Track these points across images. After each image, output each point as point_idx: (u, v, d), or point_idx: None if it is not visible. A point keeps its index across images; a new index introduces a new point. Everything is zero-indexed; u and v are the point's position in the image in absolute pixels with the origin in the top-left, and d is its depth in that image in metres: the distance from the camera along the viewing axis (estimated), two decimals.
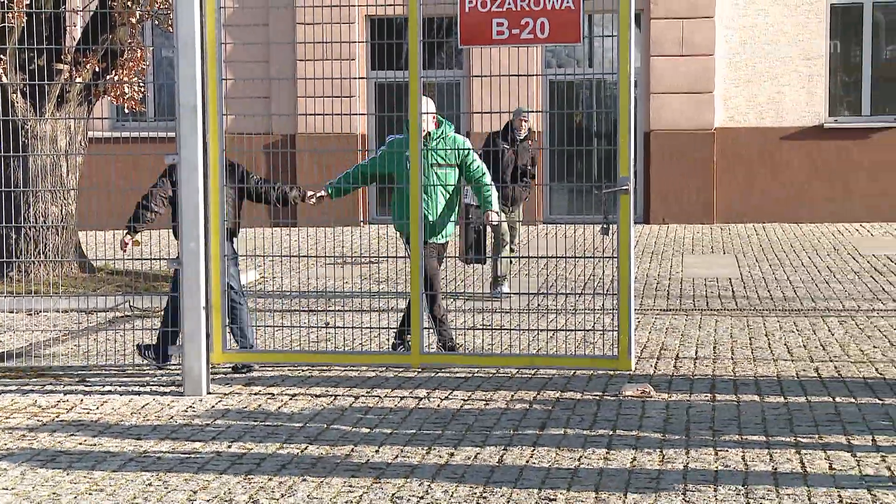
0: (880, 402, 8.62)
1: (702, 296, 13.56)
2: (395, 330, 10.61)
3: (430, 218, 10.04)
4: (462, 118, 19.66)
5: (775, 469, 7.09)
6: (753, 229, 19.64)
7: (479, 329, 11.42)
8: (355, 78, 18.96)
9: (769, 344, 10.78)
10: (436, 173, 10.11)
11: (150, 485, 6.96)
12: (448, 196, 10.23)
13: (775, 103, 20.24)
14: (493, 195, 10.41)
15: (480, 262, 12.08)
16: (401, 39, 19.53)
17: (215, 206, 9.39)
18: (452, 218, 10.35)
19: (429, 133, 9.96)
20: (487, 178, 10.37)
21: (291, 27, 19.94)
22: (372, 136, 20.34)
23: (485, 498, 6.63)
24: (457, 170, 10.28)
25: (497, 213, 10.39)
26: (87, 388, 9.37)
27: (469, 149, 10.34)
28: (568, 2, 9.33)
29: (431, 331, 10.29)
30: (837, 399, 8.72)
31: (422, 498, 6.65)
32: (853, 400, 8.69)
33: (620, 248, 9.37)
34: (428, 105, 9.91)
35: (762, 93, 20.28)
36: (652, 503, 6.50)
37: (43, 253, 13.01)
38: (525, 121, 13.70)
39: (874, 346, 10.55)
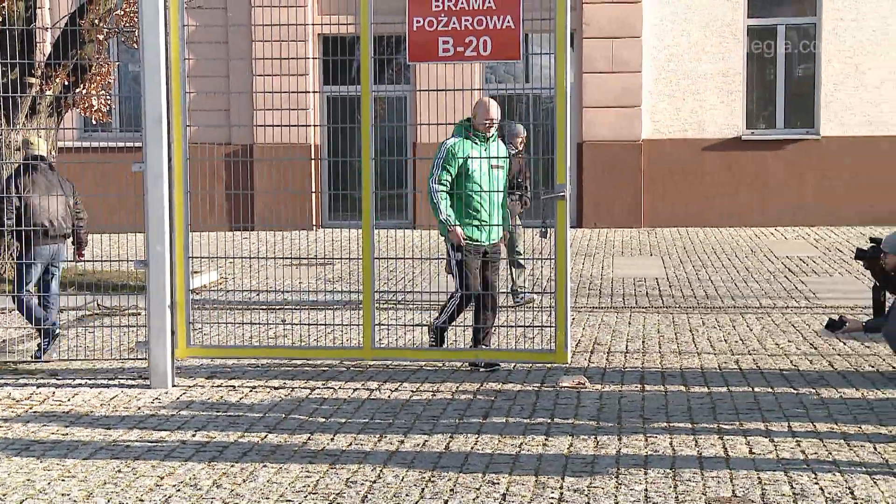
0: (795, 391, 8.71)
1: (631, 294, 13.63)
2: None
3: (487, 220, 9.58)
4: (408, 129, 19.67)
5: (700, 454, 7.14)
6: (678, 233, 19.76)
7: (427, 325, 11.42)
8: (309, 92, 18.98)
9: (693, 339, 10.86)
10: (494, 175, 9.63)
11: (119, 471, 6.93)
12: (502, 198, 9.78)
13: (697, 117, 20.39)
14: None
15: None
16: (352, 56, 19.62)
17: (179, 210, 9.35)
18: (504, 218, 9.83)
19: (491, 136, 9.62)
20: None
21: (249, 44, 19.90)
22: (324, 145, 20.30)
23: (432, 482, 6.65)
24: (504, 171, 9.80)
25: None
26: (58, 382, 9.30)
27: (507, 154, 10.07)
28: (509, 22, 9.36)
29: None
30: (756, 389, 8.80)
31: (374, 482, 6.65)
32: (770, 390, 8.77)
33: (557, 250, 9.42)
34: (494, 111, 9.59)
35: (685, 107, 20.43)
36: (587, 485, 6.53)
37: (16, 253, 12.85)
38: (521, 139, 13.06)
39: (789, 341, 10.65)
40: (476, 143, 9.52)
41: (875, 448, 7.20)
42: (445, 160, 9.44)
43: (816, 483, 6.53)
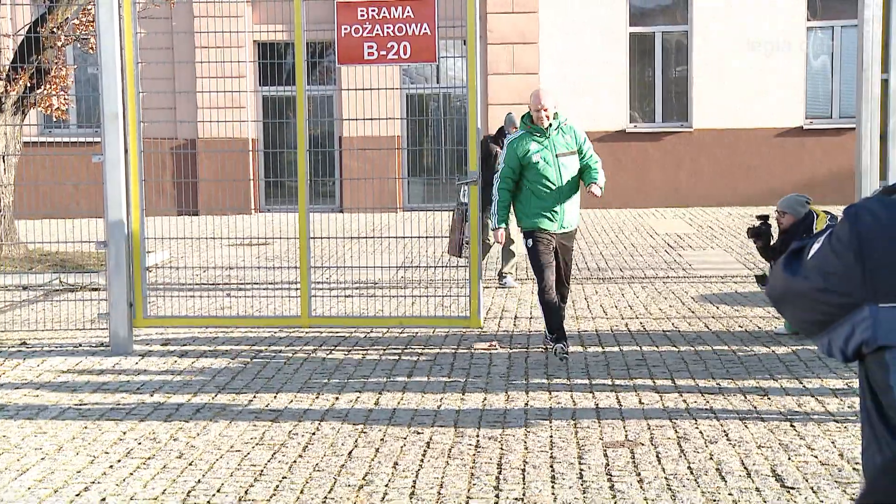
0: (676, 349, 8.84)
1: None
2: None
3: (558, 208, 8.39)
4: (335, 124, 19.60)
5: (597, 404, 7.23)
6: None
7: (356, 296, 11.42)
8: (246, 92, 18.85)
9: (588, 305, 10.96)
10: (561, 163, 8.39)
11: (85, 428, 6.87)
12: (574, 184, 8.50)
13: (589, 112, 20.51)
14: (600, 173, 8.53)
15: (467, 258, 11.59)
16: (283, 60, 19.47)
17: (135, 197, 9.25)
18: (576, 206, 8.60)
19: (549, 125, 8.41)
20: (599, 165, 8.57)
21: (192, 50, 19.68)
22: (259, 139, 20.15)
23: (364, 433, 6.67)
24: (577, 157, 8.50)
25: (600, 187, 8.42)
26: (27, 350, 9.17)
27: (585, 138, 8.62)
28: (425, 29, 9.37)
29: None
30: (643, 347, 8.92)
31: (313, 434, 6.66)
32: (655, 348, 8.89)
33: (471, 229, 9.46)
34: (545, 99, 8.44)
35: (577, 104, 20.54)
36: (500, 434, 6.59)
37: None
38: (516, 127, 12.30)
39: (670, 306, 10.80)
40: (536, 136, 8.43)
41: (745, 396, 7.34)
42: (507, 157, 8.46)
43: (696, 427, 6.65)
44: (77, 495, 5.68)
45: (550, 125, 8.43)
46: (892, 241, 1.69)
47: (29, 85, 13.42)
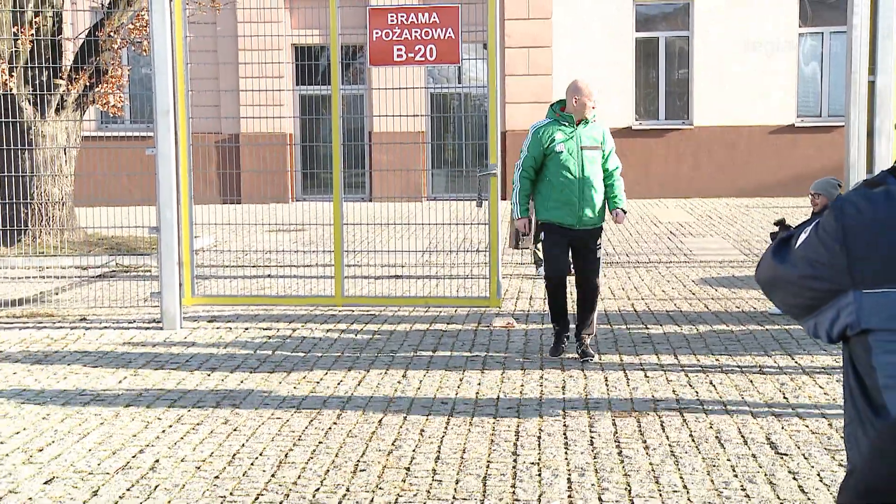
0: (678, 327, 8.82)
1: None
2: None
3: (578, 204, 7.53)
4: (365, 120, 19.59)
5: (606, 378, 7.22)
6: None
7: (385, 278, 11.43)
8: (284, 90, 18.85)
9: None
10: (586, 157, 7.56)
11: (140, 396, 6.90)
12: (597, 181, 7.61)
13: (598, 110, 20.39)
14: (623, 194, 7.72)
15: (527, 249, 11.21)
16: (318, 61, 19.46)
17: (184, 186, 9.27)
18: (600, 202, 7.65)
19: (584, 118, 7.59)
20: (618, 174, 7.71)
21: (235, 52, 19.68)
22: (296, 134, 20.15)
23: (393, 402, 6.68)
24: (601, 153, 7.67)
25: (623, 210, 7.66)
26: (87, 325, 9.22)
27: (611, 141, 7.81)
28: (450, 34, 9.35)
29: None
30: (649, 326, 8.90)
31: (347, 402, 6.68)
32: (660, 327, 8.87)
33: (490, 216, 9.45)
34: (594, 91, 7.65)
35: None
36: (517, 404, 6.59)
37: (48, 223, 12.73)
38: None
39: (672, 288, 10.77)
40: (563, 126, 7.58)
41: (741, 369, 7.32)
42: (530, 145, 7.59)
43: (697, 399, 6.64)
44: (133, 457, 5.71)
45: (584, 119, 7.59)
46: (874, 231, 1.68)
47: (88, 84, 13.47)
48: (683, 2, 20.41)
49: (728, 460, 5.50)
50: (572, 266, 7.87)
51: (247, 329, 8.99)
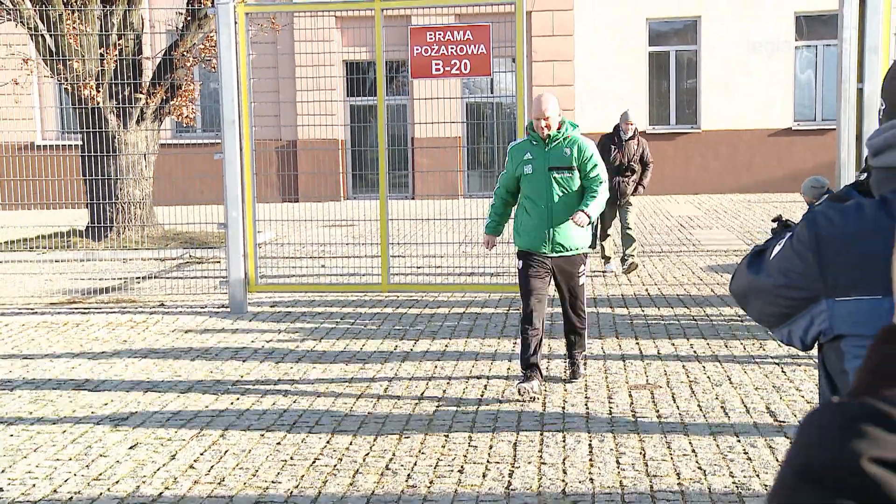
0: (688, 310, 8.76)
1: None
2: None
3: (546, 229, 6.14)
4: (407, 127, 19.60)
5: (623, 355, 7.18)
6: None
7: (426, 267, 11.44)
8: (336, 101, 18.87)
9: (615, 275, 10.88)
10: (554, 178, 6.13)
11: (211, 372, 6.96)
12: (570, 204, 6.13)
13: (614, 116, 20.28)
14: (594, 202, 6.10)
15: (590, 248, 10.79)
16: (366, 75, 19.48)
17: (248, 187, 9.31)
18: (575, 226, 6.16)
19: (548, 136, 6.14)
20: (601, 189, 6.15)
21: (293, 67, 19.74)
22: (348, 139, 20.19)
23: (437, 373, 6.69)
24: (575, 174, 6.18)
25: (586, 214, 6.02)
26: (165, 311, 9.30)
27: (592, 154, 6.21)
28: (482, 49, 9.32)
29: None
30: (661, 309, 8.85)
31: (394, 376, 6.70)
32: (671, 309, 8.82)
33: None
34: (547, 105, 6.17)
35: (605, 110, 20.36)
36: (546, 375, 6.58)
37: (131, 221, 12.85)
38: (630, 124, 10.82)
39: (682, 274, 10.70)
40: (533, 145, 6.20)
41: (745, 348, 7.27)
42: (507, 164, 6.33)
43: (705, 373, 6.60)
44: (206, 424, 5.77)
45: (549, 136, 6.14)
46: (845, 242, 1.58)
47: (164, 98, 13.57)
48: (692, 19, 20.24)
49: (731, 427, 5.47)
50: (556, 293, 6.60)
51: (304, 313, 9.04)
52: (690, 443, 5.26)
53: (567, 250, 6.19)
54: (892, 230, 1.54)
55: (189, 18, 13.60)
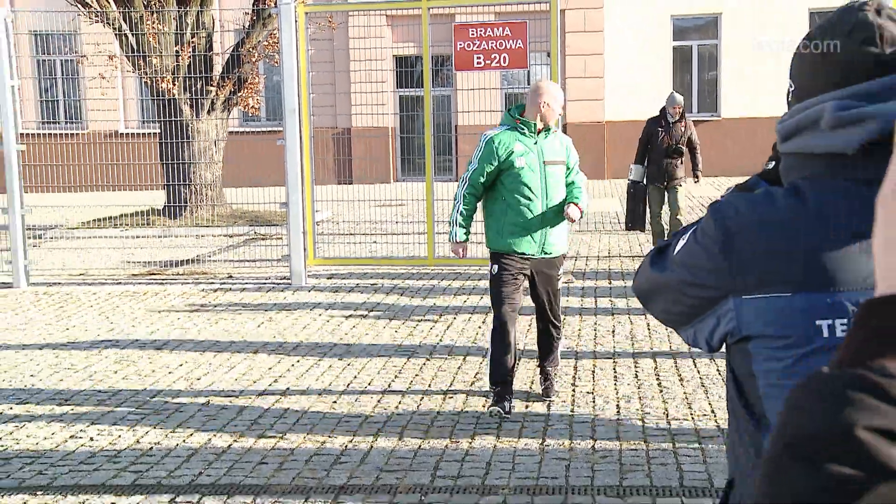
0: None
1: (599, 222, 13.47)
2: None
3: (539, 227, 5.20)
4: (451, 116, 19.51)
5: (648, 324, 7.09)
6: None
7: (469, 242, 11.37)
8: (386, 92, 18.82)
9: (642, 251, 10.73)
10: (549, 172, 5.20)
11: (274, 337, 7.00)
12: (560, 201, 5.24)
13: (640, 105, 20.05)
14: (584, 195, 5.27)
15: (640, 230, 9.96)
16: (413, 68, 19.38)
17: (307, 170, 9.31)
18: (564, 226, 5.32)
19: (546, 127, 5.23)
20: (584, 185, 5.32)
21: (347, 61, 19.72)
22: (397, 127, 20.14)
23: (476, 342, 6.66)
24: (564, 169, 5.30)
25: (580, 209, 5.22)
26: (233, 282, 9.35)
27: (574, 153, 5.40)
28: (519, 44, 9.23)
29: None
30: None
31: (440, 340, 6.68)
32: None
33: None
34: (559, 92, 5.24)
35: (633, 99, 20.12)
36: (575, 344, 6.52)
37: (203, 201, 12.92)
38: (678, 107, 9.91)
39: None
40: (524, 135, 5.20)
41: None
42: (482, 156, 5.20)
43: None
44: (269, 385, 5.80)
45: (548, 127, 5.23)
46: (753, 234, 1.32)
47: (232, 90, 13.60)
48: (713, 15, 19.90)
49: None
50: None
51: (358, 284, 9.04)
52: (710, 404, 5.18)
53: (553, 252, 5.28)
54: (805, 220, 1.30)
55: (254, 18, 13.61)
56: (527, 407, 5.25)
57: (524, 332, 6.70)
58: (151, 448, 4.77)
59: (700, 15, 19.97)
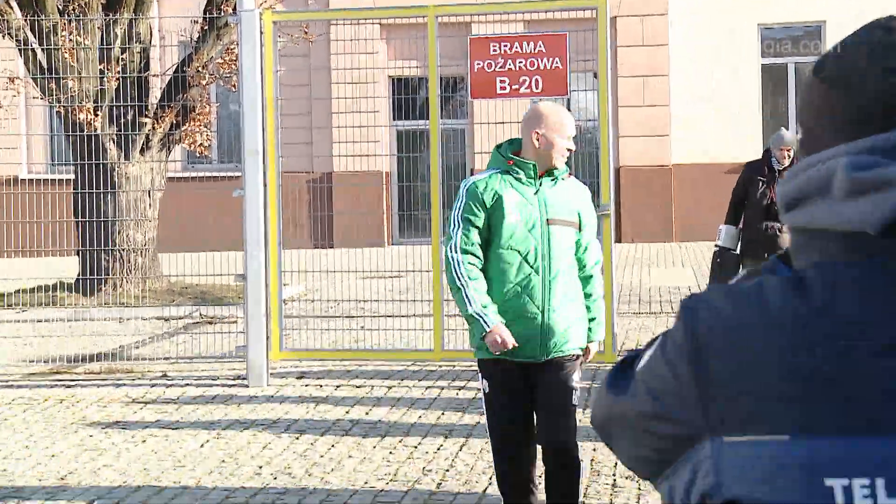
0: None
1: (666, 301, 13.38)
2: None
3: (538, 315, 4.76)
4: (466, 157, 19.54)
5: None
6: (706, 246, 19.42)
7: None
8: (380, 126, 18.90)
9: None
10: (553, 233, 4.82)
11: (223, 462, 6.82)
12: (571, 272, 4.89)
13: (719, 144, 20.08)
14: (599, 311, 5.02)
15: None
16: (416, 94, 19.49)
17: (273, 230, 9.26)
18: (579, 313, 4.90)
19: (550, 170, 4.87)
20: (597, 269, 5.06)
21: (328, 85, 19.85)
22: (393, 172, 20.18)
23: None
24: (574, 232, 4.92)
25: (598, 343, 5.11)
26: (168, 382, 9.22)
27: (592, 208, 5.11)
28: (557, 63, 9.23)
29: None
30: None
31: (447, 470, 6.50)
32: None
33: (604, 262, 9.19)
34: (570, 122, 4.91)
35: (708, 135, 20.14)
36: None
37: (130, 271, 12.89)
38: (787, 149, 8.97)
39: None
40: (520, 182, 4.84)
41: None
42: (465, 211, 4.82)
43: None
44: None
45: (552, 169, 4.85)
46: (733, 346, 1.19)
47: (174, 122, 13.67)
48: (814, 25, 19.98)
49: None
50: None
51: (339, 387, 8.88)
52: None
53: (565, 349, 4.78)
54: (808, 327, 1.16)
55: (206, 28, 13.72)
56: None
57: None
58: None
59: (797, 23, 20.10)
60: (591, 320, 4.97)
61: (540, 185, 4.86)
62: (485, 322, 4.70)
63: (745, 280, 1.29)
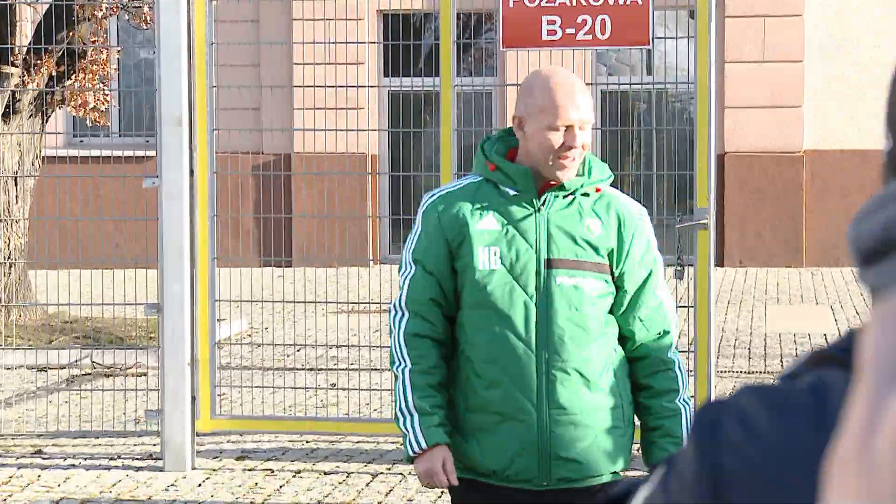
0: None
1: (790, 354, 13.47)
2: None
3: (545, 411, 4.58)
4: (494, 132, 19.67)
5: None
6: (852, 274, 19.48)
7: None
8: (364, 86, 19.00)
9: None
10: (557, 282, 4.61)
11: None
12: (596, 346, 4.63)
13: (877, 120, 20.17)
14: (671, 421, 4.67)
15: None
16: (419, 40, 19.63)
17: (203, 239, 9.37)
18: (614, 419, 4.66)
19: (560, 174, 4.63)
20: (671, 352, 4.78)
21: (289, 24, 19.98)
22: (385, 156, 20.29)
23: None
24: (603, 281, 4.64)
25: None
26: (44, 462, 9.31)
27: (648, 241, 4.79)
28: None
29: None
30: None
31: None
32: None
33: (697, 294, 9.33)
34: (585, 95, 4.72)
35: (861, 108, 20.21)
36: None
37: None
38: None
39: None
40: (503, 194, 4.69)
41: None
42: (417, 243, 4.78)
43: None
44: None
45: (560, 178, 4.63)
46: (780, 487, 1.20)
47: (55, 74, 13.76)
48: None
49: None
50: None
51: (298, 473, 8.99)
52: None
53: (580, 474, 4.60)
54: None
55: None
56: None
57: None
58: None
59: None
60: (652, 431, 4.69)
61: (542, 203, 4.65)
62: (415, 435, 4.54)
63: (796, 376, 1.25)
